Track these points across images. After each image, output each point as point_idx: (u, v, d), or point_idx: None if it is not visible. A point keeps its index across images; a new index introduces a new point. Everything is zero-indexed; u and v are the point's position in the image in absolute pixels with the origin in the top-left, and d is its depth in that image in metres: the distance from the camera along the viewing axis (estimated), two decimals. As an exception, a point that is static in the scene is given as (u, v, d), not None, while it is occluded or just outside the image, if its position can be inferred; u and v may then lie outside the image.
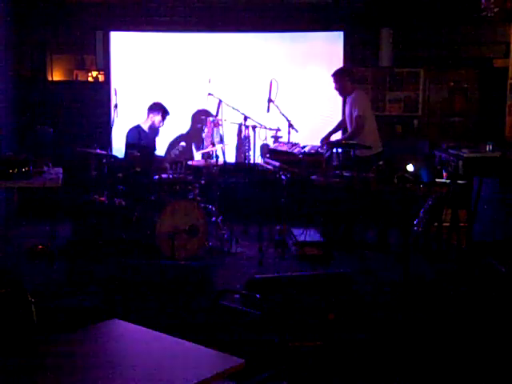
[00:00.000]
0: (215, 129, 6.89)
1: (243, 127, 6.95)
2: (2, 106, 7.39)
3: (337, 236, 6.55)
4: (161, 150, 7.59)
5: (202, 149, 6.87)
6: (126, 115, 7.54)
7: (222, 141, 7.06)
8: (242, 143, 7.16)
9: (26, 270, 5.58)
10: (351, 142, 6.47)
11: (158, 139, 7.23)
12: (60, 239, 6.50)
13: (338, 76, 6.71)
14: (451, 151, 6.22)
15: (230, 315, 3.19)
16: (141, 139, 6.82)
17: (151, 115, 6.97)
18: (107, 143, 6.84)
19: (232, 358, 2.46)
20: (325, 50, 8.17)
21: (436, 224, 5.89)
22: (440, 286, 5.32)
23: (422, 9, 7.95)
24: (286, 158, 6.50)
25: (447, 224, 5.94)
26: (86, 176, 6.36)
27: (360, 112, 6.50)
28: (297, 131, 6.97)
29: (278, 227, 6.30)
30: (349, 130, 6.68)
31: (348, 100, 6.70)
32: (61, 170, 6.23)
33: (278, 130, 7.04)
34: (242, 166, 7.10)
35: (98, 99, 8.09)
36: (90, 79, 8.10)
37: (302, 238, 6.08)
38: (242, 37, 8.16)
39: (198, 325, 3.86)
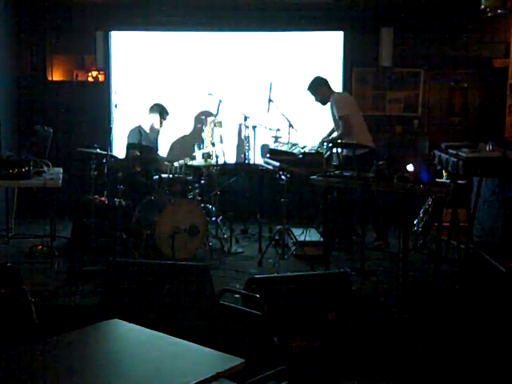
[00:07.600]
0: (215, 129, 6.89)
1: (243, 127, 6.96)
2: (2, 106, 7.38)
3: (337, 236, 6.56)
4: (162, 150, 7.58)
5: (202, 149, 6.87)
6: (126, 115, 7.55)
7: (221, 141, 7.06)
8: (242, 143, 7.16)
9: (26, 269, 5.57)
10: (343, 141, 6.46)
11: (159, 139, 7.23)
12: (60, 239, 6.51)
13: (313, 88, 6.70)
14: (451, 151, 6.22)
15: (230, 315, 3.19)
16: (142, 140, 6.83)
17: (151, 116, 6.98)
18: (107, 143, 6.82)
19: (232, 358, 2.46)
20: (325, 50, 8.17)
21: (436, 224, 5.88)
22: (440, 285, 5.32)
23: (423, 9, 7.94)
24: (285, 158, 6.49)
25: (447, 224, 5.93)
26: (85, 176, 6.34)
27: (340, 113, 6.53)
28: (297, 131, 6.98)
29: (277, 227, 6.30)
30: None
31: (330, 106, 6.71)
32: (61, 170, 6.23)
33: (278, 130, 7.04)
34: (241, 165, 7.09)
35: (98, 99, 8.09)
36: (90, 79, 8.09)
37: (301, 238, 6.07)
38: (242, 36, 8.16)
39: (198, 325, 3.86)
